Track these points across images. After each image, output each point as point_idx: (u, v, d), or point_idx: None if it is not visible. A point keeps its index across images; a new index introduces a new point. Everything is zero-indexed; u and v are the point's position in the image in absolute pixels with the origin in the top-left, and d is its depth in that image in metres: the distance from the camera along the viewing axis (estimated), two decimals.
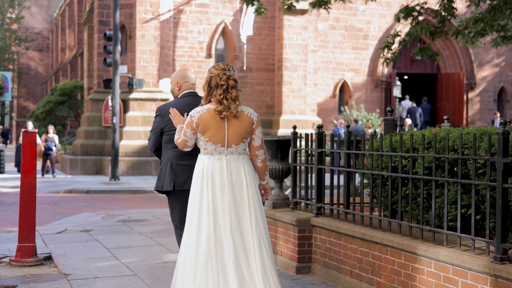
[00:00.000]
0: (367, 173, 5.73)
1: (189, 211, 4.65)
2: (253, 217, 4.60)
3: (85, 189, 17.10)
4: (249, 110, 4.76)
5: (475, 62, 27.61)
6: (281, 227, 6.77)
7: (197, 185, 4.63)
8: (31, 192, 7.17)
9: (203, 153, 4.67)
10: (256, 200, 4.68)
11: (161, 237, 8.64)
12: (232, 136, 4.62)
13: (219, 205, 4.54)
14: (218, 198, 4.54)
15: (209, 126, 4.58)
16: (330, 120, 25.43)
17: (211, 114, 4.59)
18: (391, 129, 6.53)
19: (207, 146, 4.61)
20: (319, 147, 6.46)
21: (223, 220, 4.52)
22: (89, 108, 24.02)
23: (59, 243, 8.25)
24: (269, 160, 7.18)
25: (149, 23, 22.27)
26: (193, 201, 4.64)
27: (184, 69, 5.35)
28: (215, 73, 4.66)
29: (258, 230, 4.58)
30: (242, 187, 4.62)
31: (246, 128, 4.67)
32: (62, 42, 46.34)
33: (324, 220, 6.19)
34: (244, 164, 4.72)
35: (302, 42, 24.25)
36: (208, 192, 4.56)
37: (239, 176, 4.64)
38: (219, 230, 4.50)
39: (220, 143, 4.59)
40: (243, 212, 4.59)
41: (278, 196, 7.19)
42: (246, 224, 4.57)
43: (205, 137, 4.59)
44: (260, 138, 4.79)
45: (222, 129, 4.59)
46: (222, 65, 4.71)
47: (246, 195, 4.63)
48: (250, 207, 4.62)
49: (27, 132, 7.29)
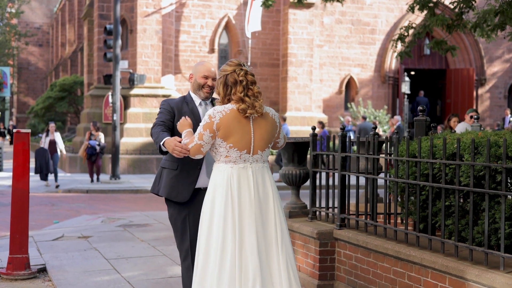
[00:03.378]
0: (400, 182, 5.06)
1: (207, 227, 4.02)
2: (279, 236, 4.05)
3: (84, 189, 16.46)
4: (272, 111, 4.19)
5: (485, 58, 26.92)
6: (299, 240, 6.12)
7: (220, 199, 4.00)
8: (23, 198, 6.53)
9: (224, 162, 4.03)
10: (282, 215, 4.14)
11: (164, 245, 7.99)
12: (259, 141, 4.04)
13: (246, 222, 3.97)
14: (246, 214, 3.97)
15: (233, 129, 3.97)
16: (336, 117, 24.76)
17: (235, 115, 3.98)
18: (424, 131, 5.87)
19: (230, 153, 4.00)
20: (343, 151, 5.80)
21: (249, 240, 3.93)
22: (89, 104, 23.36)
23: (55, 252, 7.60)
24: (285, 165, 6.53)
25: (151, 17, 21.58)
26: (213, 216, 4.01)
27: (201, 61, 4.70)
28: (230, 69, 4.09)
29: (285, 251, 4.05)
30: (268, 201, 4.08)
31: (272, 131, 4.12)
32: (62, 37, 45.67)
33: (349, 234, 5.53)
34: (268, 173, 4.18)
35: (308, 36, 23.55)
36: (234, 206, 3.95)
37: (265, 188, 4.09)
38: (245, 251, 3.92)
39: (245, 149, 4.01)
40: (269, 229, 4.04)
41: (295, 204, 6.54)
42: (272, 243, 4.03)
43: (228, 142, 3.97)
44: (284, 138, 4.39)
45: (248, 133, 4.00)
46: (235, 60, 4.18)
47: (273, 210, 4.08)
48: (277, 224, 4.07)
49: (19, 133, 6.64)
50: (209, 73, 4.49)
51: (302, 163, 6.50)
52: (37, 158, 16.02)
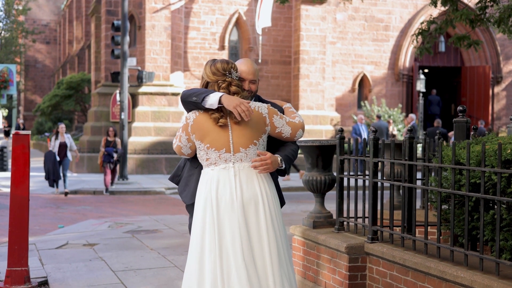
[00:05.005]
0: (444, 192, 4.48)
1: (191, 243, 3.70)
2: (273, 250, 3.59)
3: (91, 190, 15.96)
4: (255, 104, 3.78)
5: (501, 55, 26.23)
6: (325, 253, 5.55)
7: (199, 208, 3.67)
8: (23, 206, 5.99)
9: (206, 166, 3.70)
10: (277, 220, 3.68)
11: (176, 254, 7.44)
12: (239, 137, 3.66)
13: (227, 233, 3.55)
14: (226, 223, 3.56)
15: (208, 128, 3.66)
16: (349, 115, 24.15)
17: (208, 116, 3.68)
18: (464, 133, 5.29)
19: (209, 154, 3.66)
20: (375, 156, 5.22)
21: (234, 254, 3.52)
22: (96, 102, 22.84)
23: (58, 263, 7.06)
24: (308, 170, 5.95)
25: (159, 13, 21.04)
26: (194, 229, 3.68)
27: (242, 60, 4.03)
28: (213, 79, 3.75)
29: (280, 268, 3.62)
30: (257, 206, 3.63)
31: (255, 125, 3.71)
32: (69, 34, 45.22)
33: (383, 248, 4.96)
34: (258, 174, 3.71)
35: (320, 33, 22.94)
36: (213, 214, 3.57)
37: (252, 191, 3.64)
38: (227, 267, 3.53)
39: (224, 148, 3.64)
40: (260, 242, 3.60)
41: (319, 213, 5.96)
42: (264, 259, 3.59)
43: (205, 143, 3.64)
44: (286, 125, 3.86)
45: (224, 130, 3.65)
46: (220, 66, 3.74)
47: (263, 214, 3.62)
48: (269, 235, 3.61)
49: (18, 135, 6.10)
50: (246, 75, 3.91)
51: (327, 168, 5.93)
52: (46, 163, 14.77)
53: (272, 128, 3.83)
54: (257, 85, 4.07)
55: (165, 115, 21.15)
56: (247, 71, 3.92)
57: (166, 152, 20.67)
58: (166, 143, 20.77)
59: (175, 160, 20.33)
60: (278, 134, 3.87)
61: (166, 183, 17.17)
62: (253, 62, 4.01)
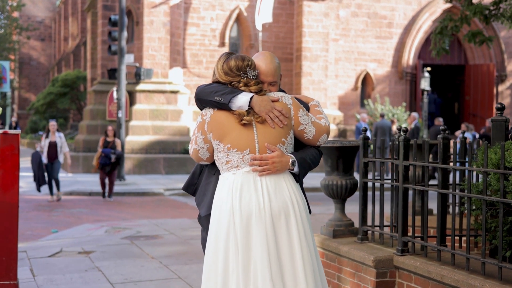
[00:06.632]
0: (490, 200, 3.92)
1: (209, 255, 3.16)
2: (308, 270, 3.08)
3: (87, 191, 15.35)
4: (278, 94, 3.25)
5: (505, 53, 25.70)
6: (348, 266, 4.99)
7: (218, 220, 3.13)
8: (12, 214, 5.40)
9: (226, 169, 3.13)
10: (310, 238, 3.16)
11: (179, 264, 6.87)
12: (264, 136, 3.12)
13: (253, 250, 3.02)
14: (252, 239, 3.03)
15: (229, 126, 3.12)
16: (352, 114, 23.59)
17: (228, 112, 3.14)
18: (503, 133, 4.73)
19: (230, 156, 3.10)
20: (405, 159, 4.66)
21: (262, 274, 2.99)
22: (92, 100, 22.22)
23: (51, 273, 6.48)
24: (328, 174, 5.40)
25: (158, 8, 20.43)
26: (211, 245, 3.15)
27: (260, 55, 3.39)
28: (225, 79, 3.19)
29: (314, 279, 3.11)
30: (288, 218, 3.09)
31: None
32: (65, 31, 44.55)
33: (416, 262, 4.40)
34: (288, 177, 3.19)
35: (323, 30, 22.36)
36: (235, 228, 3.05)
37: (282, 200, 3.11)
38: (255, 283, 3.02)
39: (248, 149, 3.11)
40: (291, 260, 3.07)
41: (339, 221, 5.40)
42: (297, 279, 3.06)
43: (226, 143, 3.09)
44: (311, 124, 3.28)
45: (248, 129, 3.12)
46: (234, 64, 3.17)
47: (296, 231, 3.10)
48: (303, 248, 3.09)
49: (7, 134, 5.51)
50: (264, 77, 3.32)
51: (348, 172, 5.37)
52: (32, 164, 13.14)
53: (296, 124, 3.27)
54: (279, 85, 3.48)
55: (164, 114, 20.56)
56: (266, 72, 3.31)
57: (165, 152, 20.08)
58: (164, 143, 20.18)
59: (173, 160, 19.75)
60: (300, 133, 3.31)
61: (164, 184, 16.59)
62: (273, 58, 3.38)
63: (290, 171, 3.22)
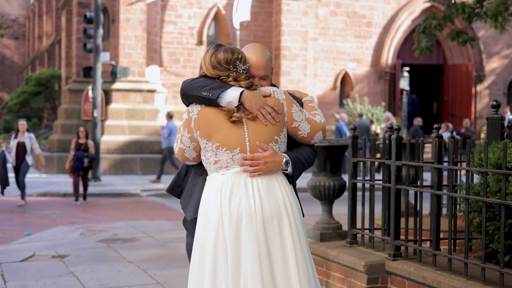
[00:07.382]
0: (490, 202, 3.71)
1: (194, 264, 2.91)
2: (303, 278, 2.85)
3: (61, 192, 14.93)
4: (270, 89, 3.02)
5: (484, 53, 25.77)
6: (336, 271, 4.75)
7: (204, 224, 2.89)
8: None
9: (214, 170, 2.89)
10: (305, 243, 2.94)
11: (157, 268, 6.58)
12: (256, 134, 2.89)
13: (243, 257, 2.79)
14: (242, 244, 2.81)
15: (217, 123, 2.88)
16: (331, 114, 23.41)
17: (217, 108, 2.91)
18: (499, 132, 4.53)
19: (219, 156, 2.86)
20: (398, 158, 4.44)
21: (252, 282, 2.76)
22: (67, 99, 21.74)
23: (23, 279, 6.15)
24: (315, 174, 5.16)
25: (135, 6, 20.04)
26: (197, 251, 2.90)
27: (249, 47, 3.16)
28: (213, 73, 2.96)
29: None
30: (281, 223, 2.87)
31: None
32: (39, 29, 43.79)
33: (410, 268, 4.18)
34: (280, 178, 2.96)
35: (302, 28, 22.16)
36: (224, 232, 2.82)
37: (274, 202, 2.88)
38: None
39: (238, 147, 2.87)
40: (284, 268, 2.85)
41: (327, 224, 5.17)
42: (288, 283, 2.85)
43: (214, 142, 2.85)
44: (306, 121, 3.08)
45: (239, 126, 2.88)
46: (223, 57, 2.93)
47: (290, 237, 2.87)
48: (297, 254, 2.87)
49: None
50: (255, 71, 3.08)
51: (336, 173, 5.14)
52: None
53: (289, 121, 3.05)
54: (270, 79, 3.23)
55: (140, 113, 20.18)
56: (257, 66, 3.08)
57: (141, 152, 19.70)
58: (141, 142, 19.81)
59: (150, 160, 19.39)
60: (293, 131, 3.08)
61: (141, 185, 16.25)
62: (264, 51, 3.15)
63: (283, 171, 3.00)
